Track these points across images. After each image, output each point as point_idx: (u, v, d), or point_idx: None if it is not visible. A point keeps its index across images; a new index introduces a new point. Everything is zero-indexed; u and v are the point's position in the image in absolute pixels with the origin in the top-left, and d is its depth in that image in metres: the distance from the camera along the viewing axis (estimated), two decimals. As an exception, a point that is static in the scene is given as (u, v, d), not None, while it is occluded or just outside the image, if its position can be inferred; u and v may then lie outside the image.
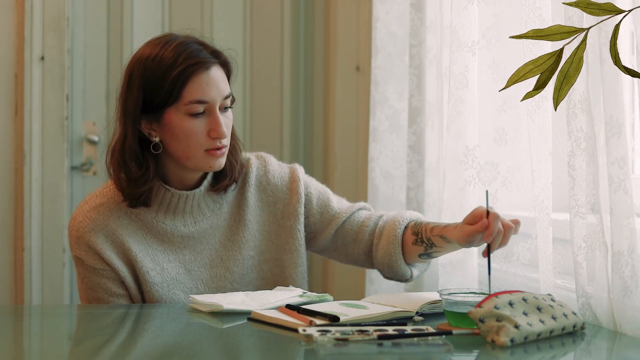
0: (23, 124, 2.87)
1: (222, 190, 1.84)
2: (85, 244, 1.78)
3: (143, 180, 1.76)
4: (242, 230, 1.85)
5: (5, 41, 2.88)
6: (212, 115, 1.74)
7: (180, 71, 1.70)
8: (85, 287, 1.81)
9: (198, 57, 1.73)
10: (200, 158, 1.74)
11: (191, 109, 1.72)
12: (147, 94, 1.73)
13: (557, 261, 1.70)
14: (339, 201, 1.92)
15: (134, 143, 1.75)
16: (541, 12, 1.65)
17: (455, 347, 1.34)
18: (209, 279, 1.83)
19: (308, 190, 1.89)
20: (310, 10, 3.17)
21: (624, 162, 1.38)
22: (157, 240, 1.81)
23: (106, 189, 1.82)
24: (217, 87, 1.74)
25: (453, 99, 1.88)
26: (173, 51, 1.72)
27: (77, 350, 1.44)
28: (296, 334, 1.41)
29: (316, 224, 1.89)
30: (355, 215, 1.89)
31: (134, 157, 1.75)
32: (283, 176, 1.90)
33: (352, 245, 1.87)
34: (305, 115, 3.18)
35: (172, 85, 1.71)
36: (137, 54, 1.77)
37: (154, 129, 1.76)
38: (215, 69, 1.75)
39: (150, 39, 1.79)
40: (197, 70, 1.72)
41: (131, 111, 1.74)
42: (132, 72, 1.75)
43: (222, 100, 1.75)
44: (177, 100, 1.71)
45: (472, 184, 1.86)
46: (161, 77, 1.71)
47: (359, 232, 1.86)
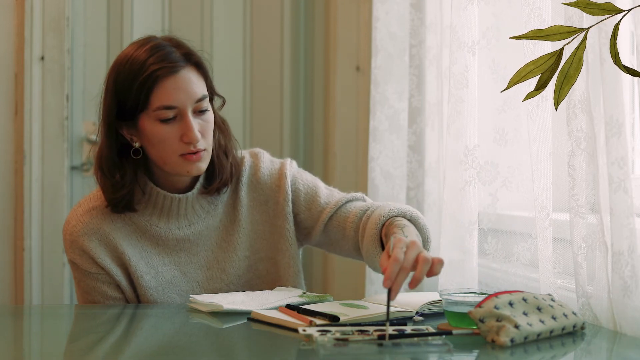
0: (23, 124, 2.87)
1: (214, 192, 1.81)
2: (79, 248, 1.77)
3: (120, 185, 1.74)
4: (237, 230, 1.84)
5: (5, 41, 2.88)
6: (183, 120, 1.70)
7: (147, 76, 1.67)
8: (81, 290, 1.80)
9: (165, 61, 1.69)
10: (176, 163, 1.72)
11: (160, 115, 1.69)
12: (120, 100, 1.71)
13: (557, 261, 1.70)
14: (329, 194, 1.86)
15: (111, 149, 1.74)
16: (541, 12, 1.65)
17: (455, 347, 1.34)
18: (205, 280, 1.82)
19: (295, 185, 1.85)
20: (310, 10, 3.17)
21: (624, 162, 1.38)
22: (152, 244, 1.80)
23: (100, 192, 1.81)
24: (186, 90, 1.70)
25: (453, 99, 1.88)
26: (143, 55, 1.70)
27: (72, 348, 1.43)
28: (296, 334, 1.41)
29: (307, 220, 1.85)
30: (342, 210, 1.81)
31: (111, 163, 1.75)
32: (273, 173, 1.87)
33: (343, 242, 1.82)
34: (305, 115, 3.18)
35: (139, 91, 1.68)
36: (114, 61, 1.75)
37: (133, 135, 1.74)
38: (185, 71, 1.70)
39: (126, 47, 1.77)
40: (162, 76, 1.68)
41: (106, 117, 1.73)
42: (109, 77, 1.74)
43: (193, 104, 1.71)
44: (146, 107, 1.69)
45: (472, 184, 1.86)
46: (130, 84, 1.69)
47: (345, 227, 1.80)
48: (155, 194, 1.78)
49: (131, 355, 1.36)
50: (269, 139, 3.13)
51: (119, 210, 1.77)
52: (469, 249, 1.89)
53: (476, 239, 1.89)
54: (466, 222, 1.88)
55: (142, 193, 1.78)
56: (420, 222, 1.71)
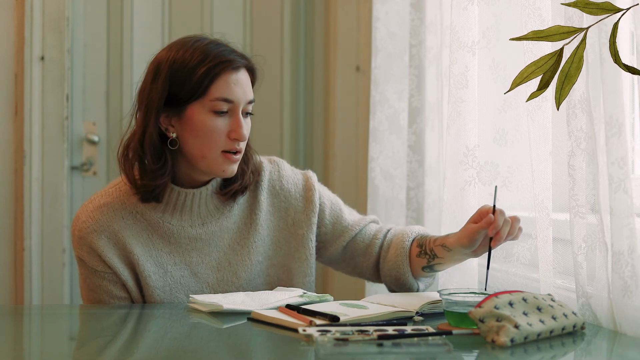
0: (23, 124, 2.87)
1: (230, 196, 1.81)
2: (87, 245, 1.76)
3: (160, 173, 1.73)
4: (253, 234, 1.83)
5: (5, 41, 2.89)
6: (234, 116, 1.73)
7: (211, 67, 1.70)
8: (87, 288, 1.80)
9: (228, 57, 1.73)
10: (215, 159, 1.73)
11: (216, 106, 1.71)
12: (172, 87, 1.72)
13: (557, 261, 1.70)
14: (350, 213, 1.92)
15: (155, 135, 1.73)
16: (541, 12, 1.65)
17: (455, 347, 1.34)
18: (215, 282, 1.81)
19: (322, 200, 1.88)
20: (310, 10, 3.17)
21: (624, 162, 1.38)
22: (163, 241, 1.79)
23: (112, 188, 1.80)
24: (244, 89, 1.75)
25: (453, 99, 1.88)
26: (204, 48, 1.73)
27: (80, 352, 1.43)
28: (296, 334, 1.41)
29: (327, 235, 1.88)
30: (366, 229, 1.88)
31: (154, 149, 1.73)
32: (297, 183, 1.88)
33: (362, 258, 1.87)
34: (305, 115, 3.18)
35: (201, 79, 1.70)
36: (164, 50, 1.76)
37: (172, 125, 1.74)
38: (243, 72, 1.76)
39: (177, 40, 1.78)
40: (226, 69, 1.72)
41: (155, 103, 1.72)
42: (159, 65, 1.73)
43: (245, 104, 1.75)
44: (202, 96, 1.71)
45: (472, 184, 1.86)
46: (190, 71, 1.70)
47: (370, 245, 1.86)
48: (169, 190, 1.78)
49: (137, 357, 1.36)
50: (269, 139, 3.13)
51: (148, 199, 1.76)
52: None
53: (476, 239, 1.89)
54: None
55: None
56: None
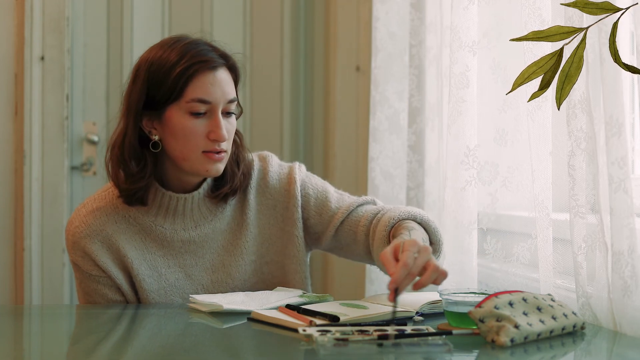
0: (23, 124, 2.87)
1: (221, 198, 1.80)
2: (81, 250, 1.76)
3: (140, 176, 1.73)
4: (245, 234, 1.83)
5: (5, 41, 2.88)
6: (213, 117, 1.71)
7: (185, 68, 1.68)
8: (83, 291, 1.80)
9: (205, 56, 1.71)
10: (196, 160, 1.71)
11: (192, 108, 1.69)
12: (150, 89, 1.71)
13: (557, 261, 1.70)
14: (339, 198, 1.85)
15: (134, 138, 1.73)
16: (541, 12, 1.65)
17: (455, 347, 1.34)
18: (210, 284, 1.81)
19: (305, 190, 1.85)
20: (310, 10, 3.17)
21: (624, 162, 1.38)
22: (157, 245, 1.79)
23: (105, 192, 1.80)
24: (222, 89, 1.71)
25: (454, 99, 1.88)
26: (181, 49, 1.71)
27: (74, 349, 1.43)
28: (296, 334, 1.41)
29: (317, 225, 1.84)
30: (353, 214, 1.82)
31: (133, 152, 1.73)
32: (282, 177, 1.86)
33: (354, 246, 1.82)
34: (305, 115, 3.18)
35: (176, 81, 1.68)
36: (146, 52, 1.76)
37: (154, 127, 1.74)
38: (222, 71, 1.73)
39: (162, 39, 1.78)
40: (202, 69, 1.69)
41: (134, 105, 1.72)
42: (139, 67, 1.73)
43: (225, 103, 1.72)
44: (179, 98, 1.69)
45: (472, 184, 1.86)
46: (166, 72, 1.69)
47: (357, 232, 1.80)
48: (160, 194, 1.77)
49: (131, 357, 1.36)
50: (269, 139, 3.13)
51: (132, 202, 1.76)
52: (468, 248, 1.89)
53: (476, 239, 1.90)
54: (466, 222, 1.88)
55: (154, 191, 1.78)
56: (432, 225, 1.70)
